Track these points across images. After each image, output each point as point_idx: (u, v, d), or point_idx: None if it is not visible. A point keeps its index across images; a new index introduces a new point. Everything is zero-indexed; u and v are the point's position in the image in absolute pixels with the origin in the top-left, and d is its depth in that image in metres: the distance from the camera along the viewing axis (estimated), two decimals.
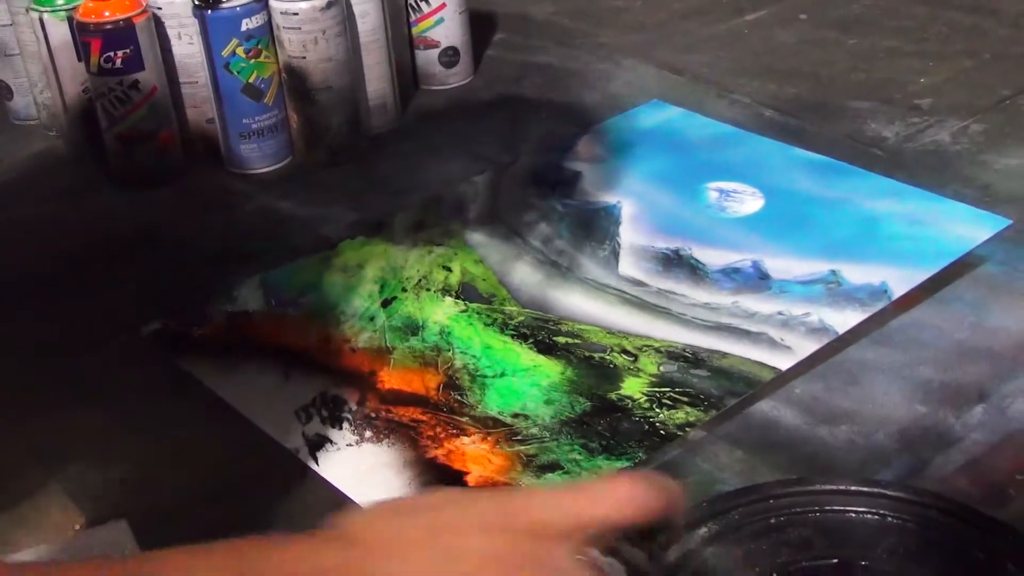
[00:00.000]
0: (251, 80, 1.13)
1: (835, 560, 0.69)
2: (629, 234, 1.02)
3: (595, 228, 1.03)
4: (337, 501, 0.77)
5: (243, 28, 1.11)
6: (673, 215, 1.04)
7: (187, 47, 1.15)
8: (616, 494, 0.54)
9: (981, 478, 0.75)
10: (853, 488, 0.74)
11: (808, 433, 0.80)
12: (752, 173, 1.09)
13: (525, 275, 0.98)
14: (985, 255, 0.95)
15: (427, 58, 1.29)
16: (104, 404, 0.88)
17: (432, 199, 1.10)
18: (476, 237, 1.04)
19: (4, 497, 0.80)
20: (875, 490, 0.73)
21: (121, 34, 1.09)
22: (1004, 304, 0.90)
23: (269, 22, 1.12)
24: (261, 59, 1.13)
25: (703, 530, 0.71)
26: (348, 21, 1.14)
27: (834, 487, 0.74)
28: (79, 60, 1.14)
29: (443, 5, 1.26)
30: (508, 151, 1.17)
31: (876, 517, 0.72)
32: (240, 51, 1.12)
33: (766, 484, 0.75)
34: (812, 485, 0.74)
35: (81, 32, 1.11)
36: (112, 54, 1.09)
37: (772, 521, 0.72)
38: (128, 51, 1.10)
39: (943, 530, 0.70)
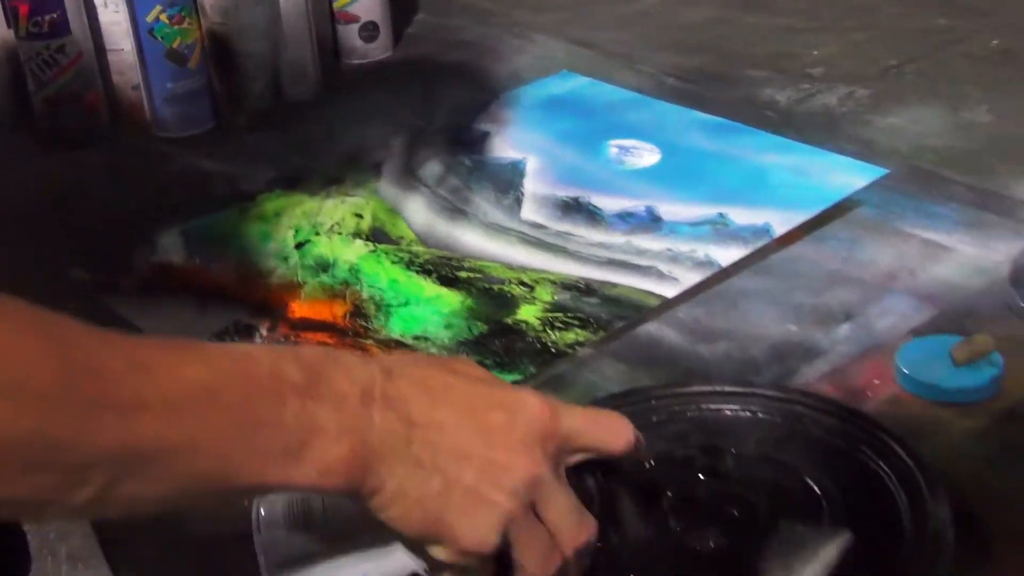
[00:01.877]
0: (174, 46, 1.18)
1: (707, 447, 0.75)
2: (532, 185, 1.08)
3: (501, 180, 1.09)
4: None
5: None
6: (575, 168, 1.10)
7: (112, 15, 1.20)
8: (613, 428, 0.62)
9: (843, 383, 0.81)
10: (727, 389, 0.79)
11: (688, 349, 0.86)
12: (651, 132, 1.15)
13: (432, 220, 1.04)
14: (862, 200, 1.02)
15: (348, 32, 1.35)
16: None
17: (348, 158, 1.16)
18: (388, 189, 1.09)
19: None
20: (747, 390, 0.79)
21: None
22: (875, 241, 0.97)
23: None
24: (184, 25, 1.18)
25: None
26: None
27: (710, 388, 0.80)
28: (8, 27, 1.18)
29: None
30: (423, 117, 1.23)
31: (748, 414, 0.77)
32: (164, 17, 1.17)
33: (649, 387, 0.81)
34: (690, 387, 0.80)
35: None
36: (40, 18, 1.14)
37: (653, 419, 0.78)
38: (55, 16, 1.15)
39: (806, 422, 0.76)
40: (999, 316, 0.86)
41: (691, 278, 0.94)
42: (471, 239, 1.01)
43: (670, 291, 0.92)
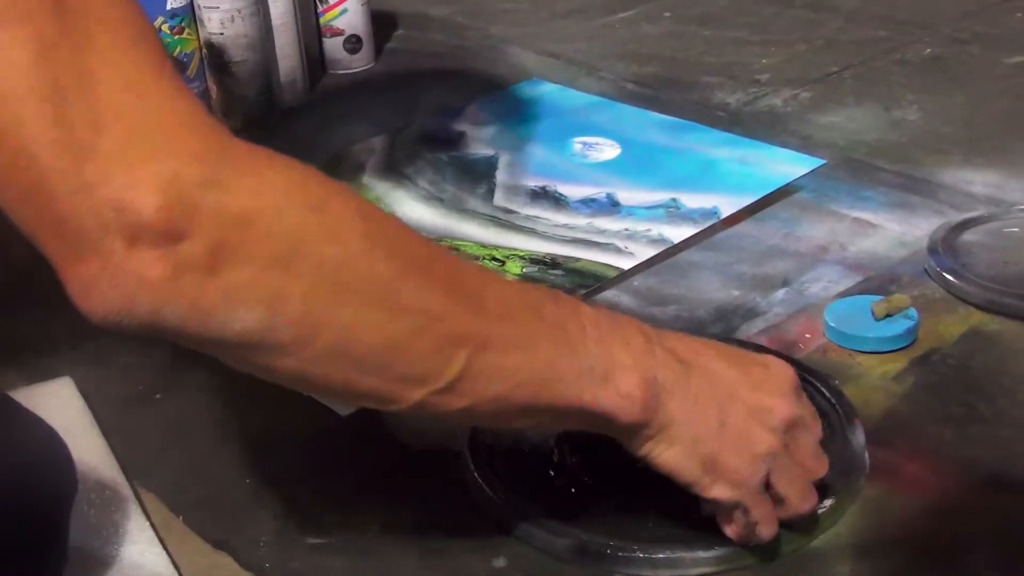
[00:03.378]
0: (175, 54, 1.29)
1: None
2: (504, 176, 1.19)
3: (475, 173, 1.20)
4: None
5: (168, 7, 1.27)
6: (542, 162, 1.21)
7: None
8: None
9: (778, 337, 0.92)
10: None
11: (641, 311, 0.97)
12: (613, 130, 1.26)
13: (413, 208, 1.14)
14: (801, 186, 1.13)
15: (333, 45, 1.46)
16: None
17: (336, 155, 1.26)
18: (372, 182, 1.20)
19: None
20: None
21: None
22: (812, 220, 1.08)
23: (191, 2, 1.28)
24: (184, 35, 1.29)
25: None
26: (261, 4, 1.31)
27: None
28: None
29: None
30: (404, 119, 1.34)
31: None
32: (165, 28, 1.27)
33: None
34: None
35: None
36: None
37: None
38: None
39: None
40: (918, 280, 0.97)
41: (646, 253, 1.04)
42: (448, 223, 1.11)
43: (627, 264, 1.03)
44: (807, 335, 0.92)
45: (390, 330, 0.56)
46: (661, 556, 0.70)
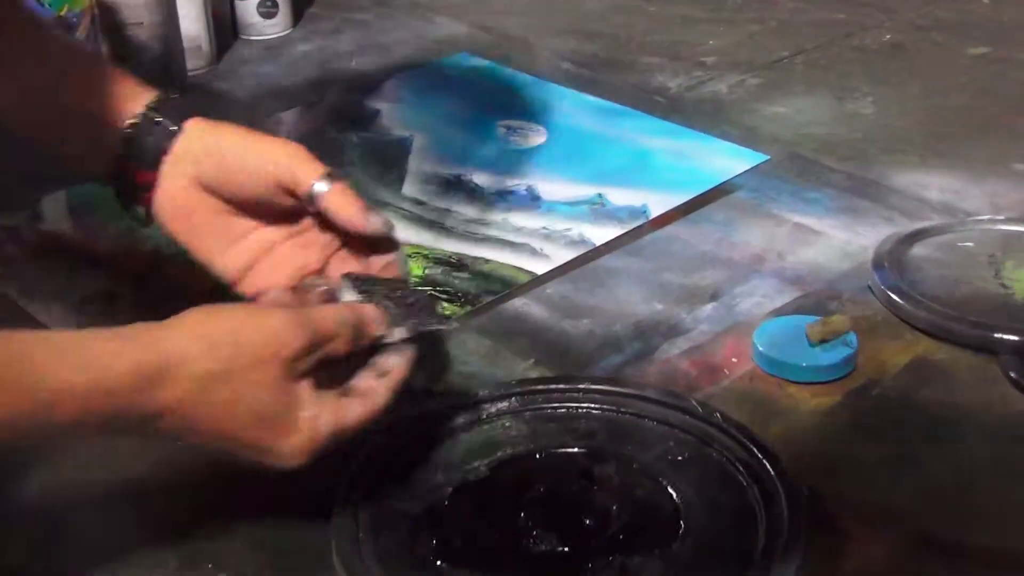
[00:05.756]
0: (63, 13, 1.16)
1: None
2: (416, 163, 1.08)
3: (386, 157, 1.09)
4: None
5: None
6: (461, 147, 1.10)
7: None
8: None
9: (701, 360, 0.82)
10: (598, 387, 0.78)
11: (552, 325, 0.87)
12: (541, 114, 1.16)
13: None
14: (740, 184, 1.03)
15: (245, 8, 1.34)
16: None
17: None
18: None
19: None
20: (604, 387, 0.78)
21: None
22: (748, 224, 0.98)
23: None
24: None
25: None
26: None
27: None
28: None
29: None
30: (317, 93, 1.23)
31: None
32: None
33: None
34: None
35: None
36: None
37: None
38: None
39: (715, 446, 0.72)
40: (860, 299, 0.88)
41: (563, 256, 0.94)
42: None
43: (541, 268, 0.92)
44: (734, 359, 0.82)
45: None
46: None
